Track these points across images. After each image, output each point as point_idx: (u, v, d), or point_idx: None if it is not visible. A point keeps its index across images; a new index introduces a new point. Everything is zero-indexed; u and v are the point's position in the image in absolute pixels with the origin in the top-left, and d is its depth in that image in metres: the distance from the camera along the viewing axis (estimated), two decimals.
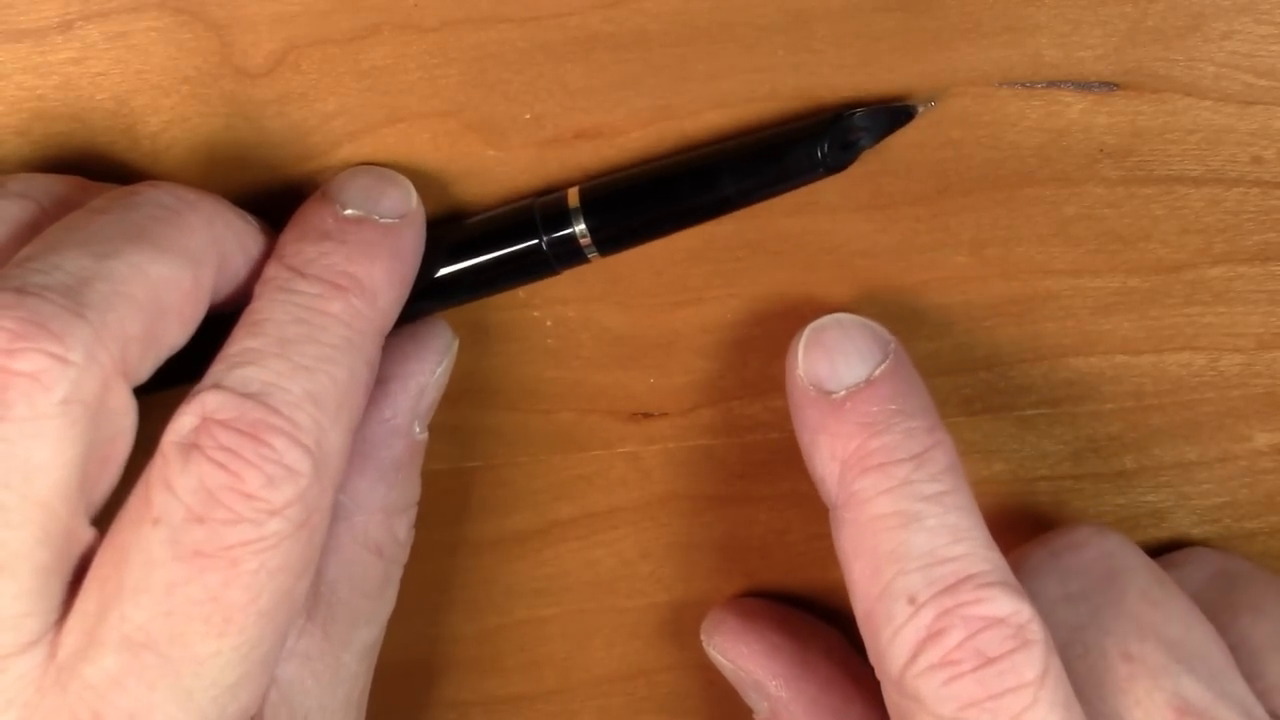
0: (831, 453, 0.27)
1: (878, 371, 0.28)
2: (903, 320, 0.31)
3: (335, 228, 0.28)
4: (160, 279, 0.25)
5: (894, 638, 0.26)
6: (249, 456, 0.24)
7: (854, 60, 0.29)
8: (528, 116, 0.30)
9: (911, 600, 0.26)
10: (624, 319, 0.32)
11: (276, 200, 0.30)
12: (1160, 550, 0.34)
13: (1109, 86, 0.29)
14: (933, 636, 0.25)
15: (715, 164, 0.29)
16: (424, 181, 0.30)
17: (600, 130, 0.30)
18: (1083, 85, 0.29)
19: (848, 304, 0.31)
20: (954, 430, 0.33)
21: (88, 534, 0.25)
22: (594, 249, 0.29)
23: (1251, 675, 0.29)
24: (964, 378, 0.32)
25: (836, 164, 0.28)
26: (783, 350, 0.32)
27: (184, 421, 0.25)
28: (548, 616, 0.35)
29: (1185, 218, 0.30)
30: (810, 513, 0.34)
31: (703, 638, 0.33)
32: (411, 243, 0.28)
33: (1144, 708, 0.28)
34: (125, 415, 0.25)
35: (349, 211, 0.28)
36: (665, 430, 0.33)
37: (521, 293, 0.31)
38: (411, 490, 0.30)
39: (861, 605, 0.27)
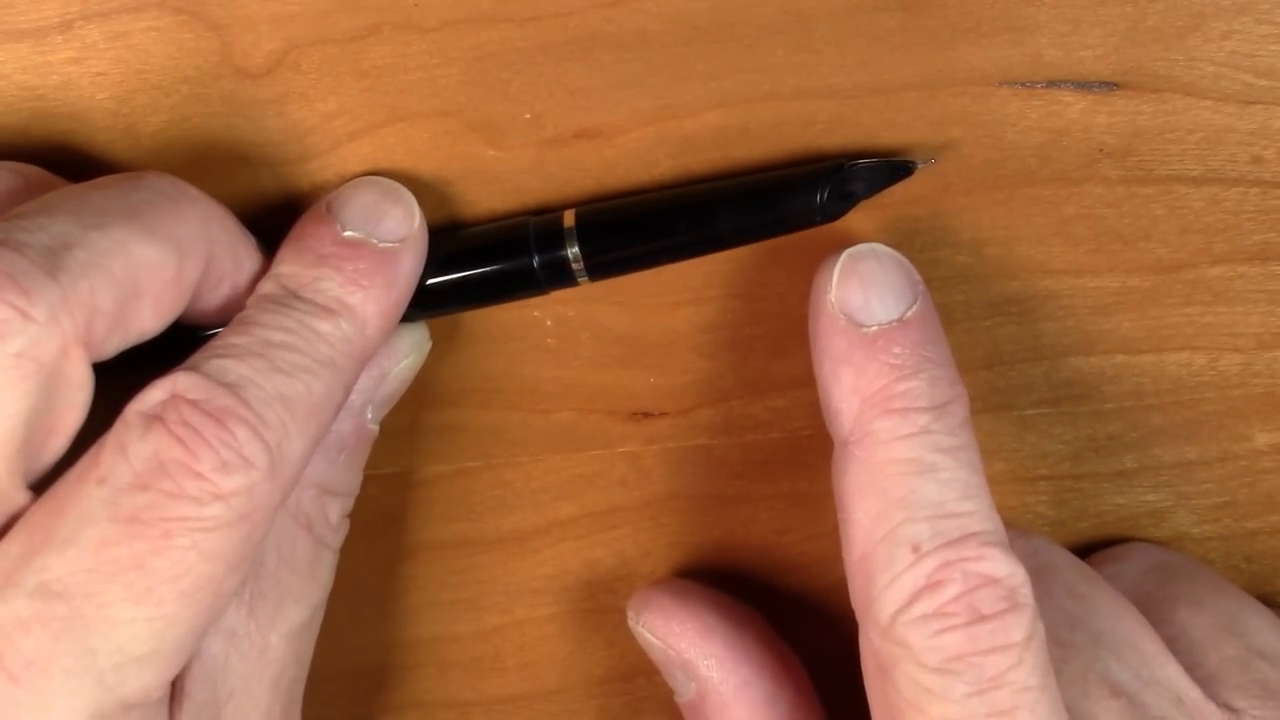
0: (854, 387, 0.27)
1: (910, 313, 0.28)
2: None
3: (333, 252, 0.28)
4: (142, 260, 0.25)
5: (891, 583, 0.26)
6: (209, 438, 0.24)
7: (854, 60, 0.29)
8: (528, 116, 0.30)
9: (915, 549, 0.26)
10: (624, 319, 0.32)
11: (277, 200, 0.30)
12: None
13: (1109, 86, 0.29)
14: (931, 587, 0.26)
15: (713, 202, 0.29)
16: (424, 181, 0.30)
17: (600, 130, 0.30)
18: (1083, 85, 0.29)
19: None
20: None
21: (22, 496, 0.25)
22: (584, 274, 0.29)
23: (1191, 665, 0.30)
24: (964, 377, 0.32)
25: (833, 213, 0.28)
26: (783, 350, 0.32)
27: (152, 394, 0.25)
28: (548, 616, 0.35)
29: (1185, 217, 0.31)
30: (810, 513, 0.34)
31: (630, 614, 0.33)
32: (409, 267, 0.29)
33: (1078, 685, 0.28)
34: (80, 388, 0.25)
35: (348, 234, 0.28)
36: (665, 430, 0.33)
37: None
38: (350, 478, 0.30)
39: (859, 547, 0.27)
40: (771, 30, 0.29)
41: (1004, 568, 0.26)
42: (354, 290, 0.27)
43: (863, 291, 0.28)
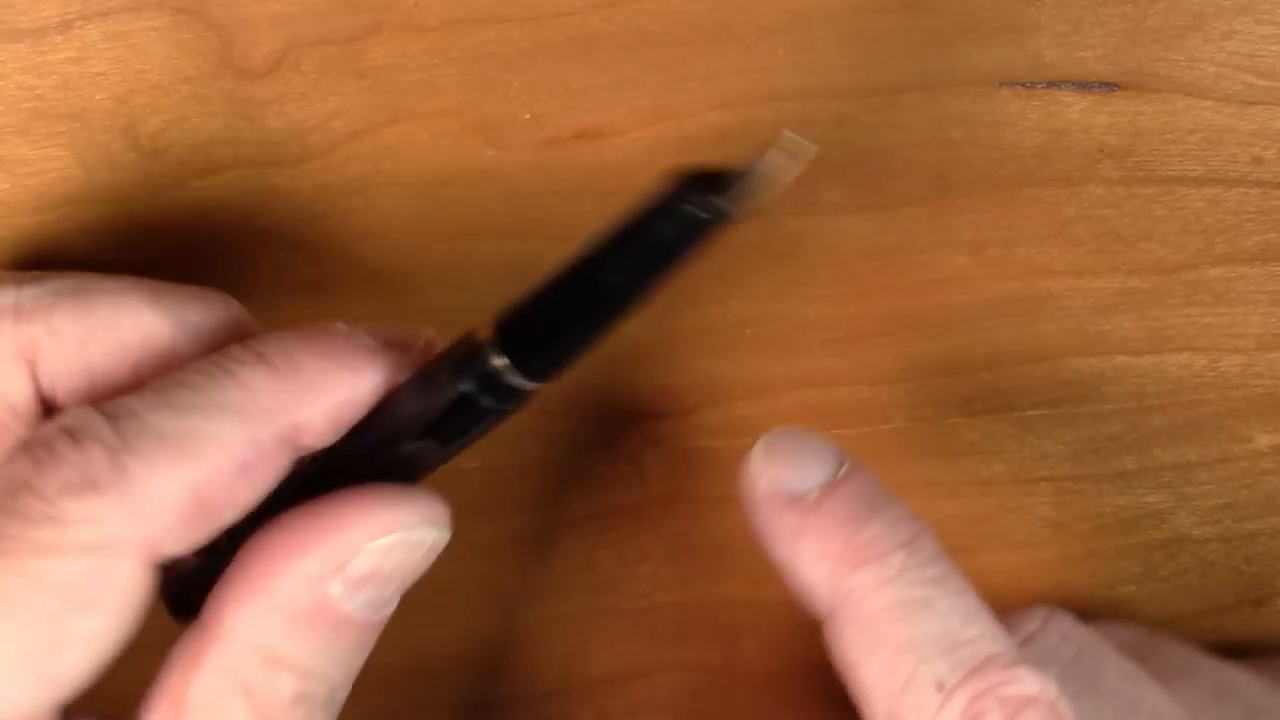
0: (819, 554, 0.26)
1: (843, 470, 0.27)
2: (903, 320, 0.31)
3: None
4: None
5: None
6: (60, 456, 0.23)
7: (854, 60, 0.29)
8: (528, 116, 0.30)
9: (940, 687, 0.25)
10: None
11: (277, 201, 0.30)
12: (1159, 550, 0.34)
13: (1109, 86, 0.29)
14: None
15: (603, 265, 0.24)
16: (424, 181, 0.30)
17: (600, 130, 0.30)
18: (1083, 85, 0.29)
19: (848, 304, 0.31)
20: (954, 431, 0.33)
21: None
22: (528, 382, 0.25)
23: None
24: (964, 378, 0.32)
25: (728, 214, 0.24)
26: (783, 351, 0.32)
27: (45, 427, 0.23)
28: (548, 616, 0.35)
29: (1186, 218, 0.30)
30: None
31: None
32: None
33: None
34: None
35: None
36: (665, 431, 0.33)
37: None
38: (318, 659, 0.25)
39: (882, 705, 0.25)
40: (772, 30, 0.29)
41: (1036, 684, 0.25)
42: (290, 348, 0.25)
43: (791, 464, 0.27)
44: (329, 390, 0.25)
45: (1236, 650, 0.36)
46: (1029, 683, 0.25)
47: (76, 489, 0.23)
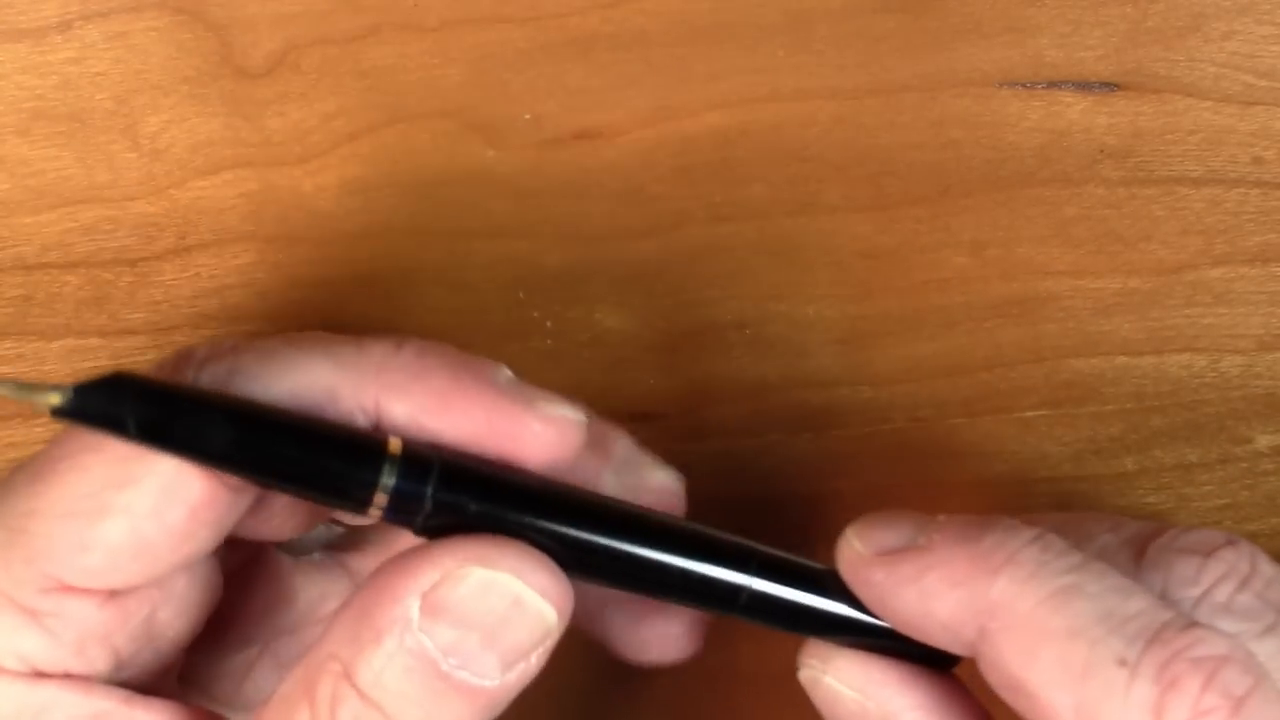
0: (949, 582, 0.25)
1: (941, 518, 0.26)
2: (903, 321, 0.31)
3: None
4: None
5: (1124, 705, 0.23)
6: None
7: (854, 61, 0.29)
8: (528, 116, 0.30)
9: (1122, 662, 0.23)
10: (624, 320, 0.32)
11: (277, 200, 0.30)
12: None
13: (1109, 87, 0.29)
14: (1169, 688, 0.23)
15: None
16: (424, 181, 0.30)
17: (600, 130, 0.30)
18: (1083, 86, 0.29)
19: (848, 304, 0.31)
20: (954, 432, 0.33)
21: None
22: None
23: None
24: (965, 379, 0.32)
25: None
26: (783, 351, 0.32)
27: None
28: None
29: (1186, 219, 0.30)
30: (809, 516, 0.34)
31: (810, 664, 0.28)
32: None
33: None
34: None
35: None
36: (665, 431, 0.33)
37: (521, 293, 0.31)
38: (382, 689, 0.24)
39: (1067, 701, 0.24)
40: (771, 31, 0.29)
41: (1222, 644, 0.23)
42: None
43: (889, 528, 0.26)
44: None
45: None
46: (1214, 643, 0.23)
47: None
